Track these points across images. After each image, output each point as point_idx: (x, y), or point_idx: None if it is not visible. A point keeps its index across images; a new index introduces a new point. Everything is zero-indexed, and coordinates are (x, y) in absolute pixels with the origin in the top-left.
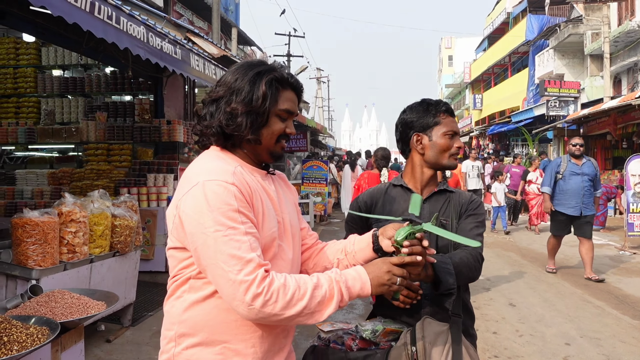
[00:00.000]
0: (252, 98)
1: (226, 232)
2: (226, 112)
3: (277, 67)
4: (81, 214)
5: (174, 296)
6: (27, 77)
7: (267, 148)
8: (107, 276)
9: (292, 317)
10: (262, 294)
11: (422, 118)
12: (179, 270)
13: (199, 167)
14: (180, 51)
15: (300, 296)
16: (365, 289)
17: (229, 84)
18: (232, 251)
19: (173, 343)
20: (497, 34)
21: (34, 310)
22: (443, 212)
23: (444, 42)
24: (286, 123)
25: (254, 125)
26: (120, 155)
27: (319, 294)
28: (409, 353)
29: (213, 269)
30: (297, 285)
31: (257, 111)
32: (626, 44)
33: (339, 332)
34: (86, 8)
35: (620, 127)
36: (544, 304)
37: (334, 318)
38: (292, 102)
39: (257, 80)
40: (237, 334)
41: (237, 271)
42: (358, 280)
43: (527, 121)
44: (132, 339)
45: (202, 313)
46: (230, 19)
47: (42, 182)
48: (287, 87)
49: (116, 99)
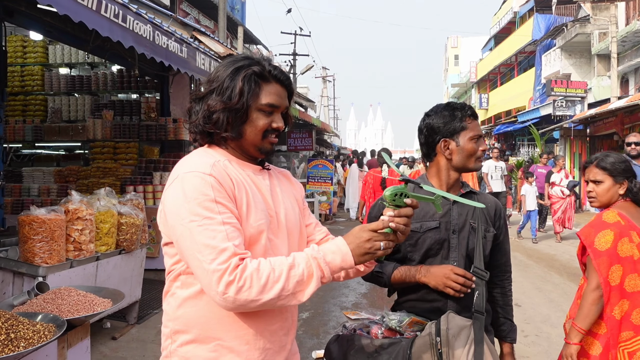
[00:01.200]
0: (230, 95)
1: (201, 222)
2: (204, 110)
3: (259, 61)
4: (87, 212)
5: (169, 293)
6: (34, 75)
7: (253, 144)
8: (113, 274)
9: (272, 300)
10: (235, 281)
11: (449, 123)
12: (171, 266)
13: (182, 163)
14: (186, 50)
15: (276, 278)
16: (347, 260)
17: (211, 82)
18: (207, 241)
19: (169, 340)
20: (503, 33)
21: (41, 307)
22: (472, 214)
23: (450, 42)
24: (272, 117)
25: (234, 122)
26: (127, 153)
27: (295, 274)
28: (433, 343)
29: (191, 260)
30: (271, 268)
31: (235, 107)
32: (634, 43)
33: (365, 321)
34: (93, 6)
35: (627, 127)
36: (550, 305)
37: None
38: (276, 96)
39: (236, 76)
40: (229, 330)
41: (211, 260)
42: (338, 254)
43: (534, 121)
44: (138, 337)
45: (194, 309)
46: (237, 17)
47: (48, 179)
48: (271, 80)
49: (122, 97)
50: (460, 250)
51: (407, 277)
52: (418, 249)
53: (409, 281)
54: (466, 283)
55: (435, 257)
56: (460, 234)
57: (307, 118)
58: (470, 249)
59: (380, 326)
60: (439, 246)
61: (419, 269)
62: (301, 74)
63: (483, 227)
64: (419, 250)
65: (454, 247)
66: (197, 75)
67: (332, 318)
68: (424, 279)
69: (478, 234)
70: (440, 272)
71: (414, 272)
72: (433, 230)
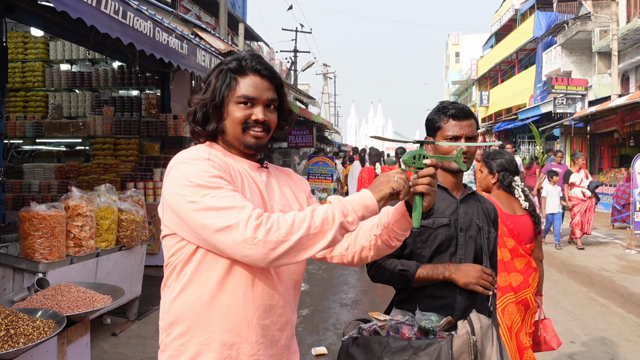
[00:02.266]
0: (206, 91)
1: (213, 194)
2: (189, 110)
3: (239, 57)
4: (88, 208)
5: (166, 286)
6: (35, 71)
7: (235, 137)
8: (113, 270)
9: (302, 239)
10: (262, 224)
11: (431, 122)
12: (169, 258)
13: (178, 154)
14: (186, 46)
15: (302, 218)
16: (365, 195)
17: (201, 84)
18: (225, 204)
19: (165, 333)
20: (504, 30)
21: (41, 304)
22: (476, 214)
23: (451, 39)
24: (251, 110)
25: (213, 117)
26: (127, 149)
27: (319, 213)
28: (471, 342)
29: (210, 229)
30: (294, 213)
31: (209, 103)
32: (634, 41)
33: (391, 322)
34: (93, 3)
35: (627, 125)
36: (549, 302)
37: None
38: (252, 87)
39: (212, 74)
40: (221, 323)
41: (234, 217)
42: (356, 195)
43: (534, 118)
44: (138, 333)
45: (188, 302)
46: (238, 14)
47: (49, 175)
48: (248, 73)
49: (123, 93)
50: (468, 249)
51: (434, 275)
52: (429, 244)
53: (435, 279)
54: (493, 282)
55: (444, 254)
56: (467, 233)
57: (307, 115)
58: (477, 247)
59: (411, 327)
60: (448, 243)
61: (447, 266)
62: (302, 70)
63: (486, 228)
64: (430, 247)
65: (461, 244)
66: (197, 71)
67: (332, 315)
68: (454, 276)
69: (483, 234)
70: (473, 271)
71: (442, 270)
72: (444, 226)
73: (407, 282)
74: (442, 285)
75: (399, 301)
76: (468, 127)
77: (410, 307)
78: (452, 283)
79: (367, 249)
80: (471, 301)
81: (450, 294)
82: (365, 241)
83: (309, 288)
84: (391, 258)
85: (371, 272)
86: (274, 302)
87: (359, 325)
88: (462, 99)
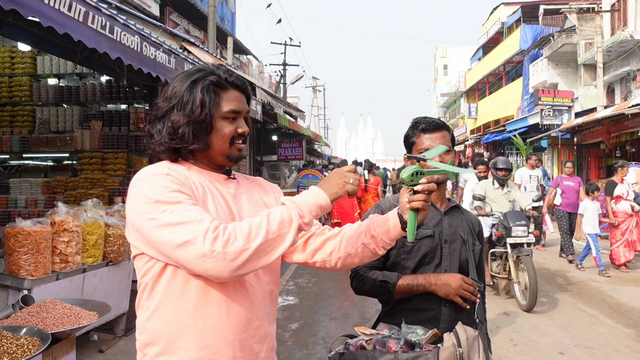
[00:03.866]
0: (192, 108)
1: (172, 209)
2: (168, 127)
3: (213, 71)
4: (74, 224)
5: (139, 306)
6: (22, 85)
7: (221, 152)
8: (100, 286)
9: (262, 246)
10: (219, 236)
11: (406, 138)
12: (141, 278)
13: (137, 173)
14: (174, 60)
15: (258, 224)
16: (319, 195)
17: (169, 98)
18: (183, 219)
19: (141, 354)
20: (491, 43)
21: (25, 321)
22: (460, 226)
23: (439, 52)
24: (236, 123)
25: (200, 134)
26: (115, 164)
27: (274, 217)
28: (458, 354)
29: (170, 245)
30: (249, 220)
31: (198, 119)
32: (619, 53)
33: (377, 336)
34: (79, 18)
35: (613, 136)
36: (538, 313)
37: (333, 331)
38: (237, 102)
39: (194, 89)
40: (196, 340)
41: (192, 231)
42: (309, 194)
43: (522, 130)
44: (125, 349)
45: (162, 321)
46: (226, 28)
47: (36, 191)
48: (229, 87)
49: (111, 107)
50: (452, 260)
51: (415, 287)
52: (413, 256)
53: (416, 290)
54: (475, 293)
55: (428, 266)
56: (451, 245)
57: (297, 128)
58: (462, 260)
59: (398, 341)
60: (432, 254)
61: (427, 277)
62: (291, 83)
63: (470, 240)
64: (413, 258)
65: (445, 256)
66: None
67: (322, 329)
68: (434, 287)
69: (468, 246)
70: (453, 281)
71: (423, 281)
72: (428, 238)
73: (388, 294)
74: (427, 298)
75: (385, 315)
76: (439, 138)
77: (397, 321)
78: (437, 296)
79: (353, 256)
80: (457, 313)
81: (436, 306)
82: (352, 248)
83: (298, 302)
84: (374, 269)
85: (354, 284)
86: (250, 315)
87: (345, 340)
88: (450, 110)
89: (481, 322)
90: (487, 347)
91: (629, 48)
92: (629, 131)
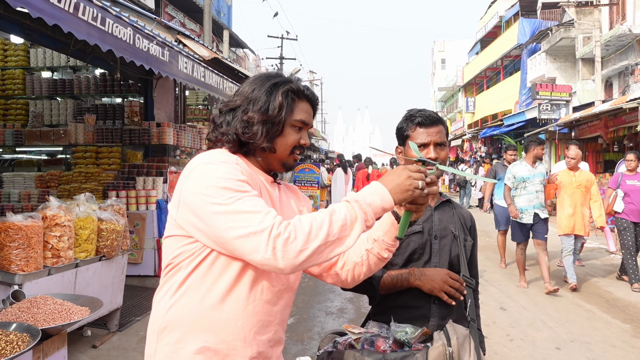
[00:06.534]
0: (269, 107)
1: (240, 196)
2: (243, 121)
3: (293, 79)
4: (66, 218)
5: (164, 288)
6: (15, 78)
7: (280, 158)
8: (93, 281)
9: (320, 248)
10: (281, 234)
11: (399, 130)
12: (173, 258)
13: (203, 155)
14: (168, 53)
15: (319, 225)
16: (386, 199)
17: (247, 94)
18: (250, 208)
19: (156, 337)
20: (489, 37)
21: (15, 317)
22: (451, 222)
23: (436, 45)
24: (301, 134)
25: (269, 134)
26: (109, 158)
27: (338, 218)
28: (447, 353)
29: (230, 234)
30: (312, 218)
31: (273, 120)
32: (617, 47)
33: (366, 335)
34: (70, 9)
35: (611, 131)
36: (535, 308)
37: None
38: (307, 114)
39: (274, 91)
40: (218, 333)
41: (258, 223)
42: (376, 195)
43: (520, 124)
44: (119, 345)
45: (187, 308)
46: (222, 21)
47: (29, 185)
48: (303, 98)
49: (106, 101)
50: (442, 256)
51: (399, 282)
52: (401, 252)
53: (400, 285)
54: (460, 289)
55: (417, 262)
56: (441, 240)
57: None
58: (453, 256)
59: (386, 339)
60: (421, 251)
61: (411, 272)
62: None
63: (462, 235)
64: (402, 254)
65: (435, 252)
66: (179, 79)
67: (317, 324)
68: (418, 282)
69: (460, 242)
70: (438, 276)
71: (407, 276)
72: (417, 234)
73: (373, 289)
74: (415, 294)
75: (374, 313)
76: (435, 133)
77: (386, 319)
78: (426, 293)
79: (360, 265)
80: (448, 311)
81: (425, 303)
82: (357, 257)
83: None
84: None
85: None
86: (271, 319)
87: (334, 338)
88: (448, 105)
89: (472, 320)
90: (478, 345)
91: (627, 42)
92: (626, 125)
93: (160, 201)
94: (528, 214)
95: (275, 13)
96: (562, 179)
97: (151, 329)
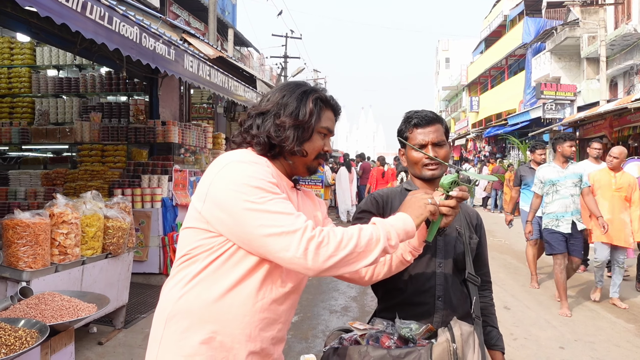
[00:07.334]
0: (299, 113)
1: (272, 197)
2: (275, 125)
3: (319, 89)
4: (73, 215)
5: (175, 277)
6: (21, 77)
7: (305, 162)
8: (99, 278)
9: (347, 257)
10: (315, 237)
11: (399, 133)
12: (190, 250)
13: (232, 154)
14: (173, 52)
15: (349, 236)
16: (407, 222)
17: (277, 100)
18: (283, 209)
19: (163, 324)
20: (494, 36)
21: (24, 313)
22: (456, 219)
23: (440, 44)
24: (325, 141)
25: (300, 139)
26: (115, 156)
27: (365, 234)
28: (451, 350)
29: (261, 232)
30: (343, 229)
31: (304, 126)
32: (622, 47)
33: (371, 331)
34: (77, 8)
35: (616, 130)
36: (539, 307)
37: (333, 324)
38: (331, 122)
39: (305, 98)
40: (225, 326)
41: (291, 223)
42: (397, 219)
43: (524, 124)
44: (125, 342)
45: (199, 299)
46: (227, 19)
47: (35, 182)
48: (329, 107)
49: (111, 99)
50: (447, 253)
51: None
52: None
53: None
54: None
55: (421, 259)
56: (446, 237)
57: None
58: (457, 253)
59: (391, 336)
60: (426, 248)
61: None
62: (292, 76)
63: (467, 233)
64: None
65: (440, 248)
66: (185, 77)
67: (321, 322)
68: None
69: (465, 239)
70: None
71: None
72: None
73: None
74: (420, 291)
75: (380, 310)
76: (432, 132)
77: (392, 316)
78: (430, 289)
79: (382, 265)
80: (453, 307)
81: (429, 299)
82: None
83: None
84: None
85: None
86: (276, 317)
87: (340, 335)
88: (452, 104)
89: (477, 317)
90: (482, 342)
91: (632, 42)
92: (631, 125)
93: (165, 199)
94: (565, 222)
95: (279, 11)
96: (599, 178)
97: (159, 316)
